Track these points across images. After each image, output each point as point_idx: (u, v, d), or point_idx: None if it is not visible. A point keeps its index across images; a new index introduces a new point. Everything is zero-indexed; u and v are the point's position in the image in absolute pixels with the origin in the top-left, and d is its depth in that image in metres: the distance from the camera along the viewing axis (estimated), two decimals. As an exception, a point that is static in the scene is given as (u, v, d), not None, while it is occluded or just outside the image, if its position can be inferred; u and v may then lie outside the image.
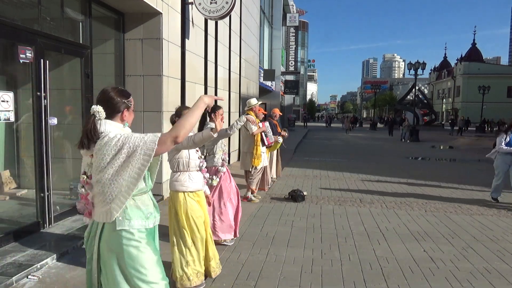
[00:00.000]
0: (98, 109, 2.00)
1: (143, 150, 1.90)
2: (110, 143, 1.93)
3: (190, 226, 3.38)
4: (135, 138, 1.92)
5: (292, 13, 32.10)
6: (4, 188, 5.33)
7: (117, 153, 1.91)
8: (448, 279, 3.73)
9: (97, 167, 1.96)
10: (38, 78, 4.51)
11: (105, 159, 1.92)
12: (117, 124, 2.07)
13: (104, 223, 2.05)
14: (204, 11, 7.41)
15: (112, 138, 1.94)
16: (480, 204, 6.93)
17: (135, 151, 1.90)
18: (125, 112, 2.14)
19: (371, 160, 13.55)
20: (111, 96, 2.07)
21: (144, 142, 1.91)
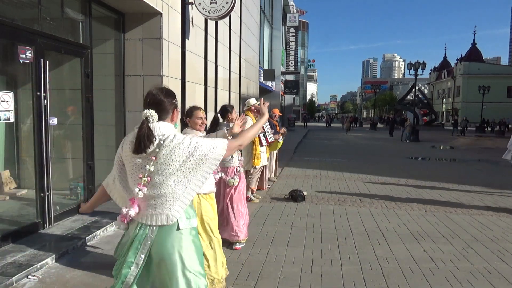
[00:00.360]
0: (151, 113, 1.99)
1: (213, 155, 1.98)
2: (181, 145, 1.94)
3: (205, 230, 3.32)
4: (206, 143, 1.98)
5: (292, 13, 32.10)
6: (4, 188, 5.33)
7: (189, 156, 1.94)
8: (448, 279, 3.73)
9: (164, 169, 1.94)
10: (38, 78, 4.51)
11: (175, 162, 1.93)
12: (169, 125, 2.05)
13: (154, 226, 1.99)
14: (204, 11, 7.41)
15: (183, 141, 1.95)
16: (480, 204, 6.93)
17: (206, 155, 1.96)
18: (175, 112, 2.11)
19: (371, 160, 13.55)
20: (161, 99, 2.04)
21: (215, 148, 1.99)
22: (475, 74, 54.63)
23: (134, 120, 6.45)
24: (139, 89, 6.43)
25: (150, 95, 2.06)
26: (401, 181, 9.21)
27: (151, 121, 1.97)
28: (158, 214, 1.98)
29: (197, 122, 3.34)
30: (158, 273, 2.03)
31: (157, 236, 2.00)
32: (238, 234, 4.40)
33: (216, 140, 2.03)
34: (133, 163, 2.00)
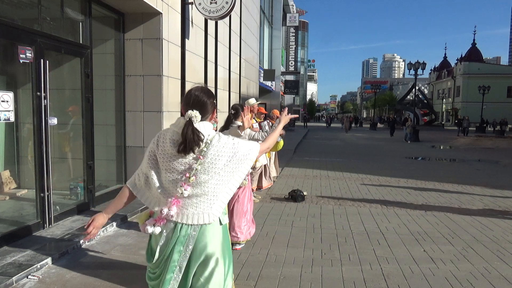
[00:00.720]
0: (195, 113, 1.98)
1: (250, 156, 2.08)
2: (227, 145, 2.00)
3: None
4: (244, 144, 2.08)
5: (292, 13, 32.12)
6: (4, 188, 5.33)
7: (233, 156, 2.01)
8: (448, 279, 3.73)
9: (210, 168, 1.96)
10: (38, 78, 4.51)
11: (222, 161, 1.98)
12: (210, 124, 2.08)
13: (196, 225, 2.00)
14: (204, 11, 7.41)
15: (228, 141, 2.02)
16: (480, 204, 6.93)
17: (244, 156, 2.05)
18: (214, 112, 2.14)
19: (371, 160, 13.55)
20: (205, 100, 2.05)
21: (251, 149, 2.09)
22: (475, 74, 54.63)
23: (134, 120, 6.45)
24: (139, 89, 6.43)
25: (194, 96, 2.06)
26: (401, 181, 9.21)
27: (195, 121, 1.98)
28: (201, 213, 2.00)
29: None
30: (201, 271, 2.02)
31: (200, 234, 2.01)
32: (238, 235, 4.40)
33: (250, 142, 2.13)
34: (174, 162, 1.99)
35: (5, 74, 5.09)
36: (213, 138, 1.99)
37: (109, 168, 6.39)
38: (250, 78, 14.34)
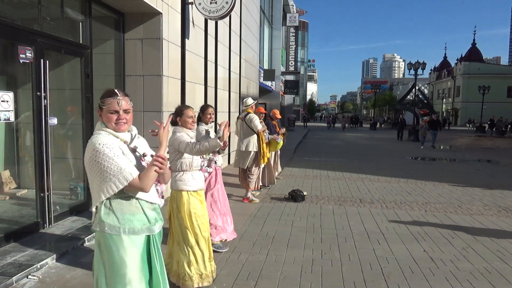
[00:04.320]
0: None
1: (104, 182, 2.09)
2: (88, 147, 2.08)
3: (192, 226, 3.34)
4: (100, 165, 2.07)
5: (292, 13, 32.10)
6: (4, 188, 5.33)
7: (88, 161, 2.09)
8: (448, 279, 3.73)
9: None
10: (38, 78, 4.51)
11: (85, 161, 2.10)
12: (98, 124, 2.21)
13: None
14: (204, 11, 7.41)
15: (90, 143, 2.06)
16: (480, 204, 6.93)
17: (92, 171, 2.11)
18: (99, 113, 2.20)
19: (371, 160, 13.55)
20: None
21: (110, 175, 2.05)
22: (475, 74, 54.63)
23: (134, 120, 6.43)
24: (139, 89, 6.43)
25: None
26: (401, 181, 9.21)
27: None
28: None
29: (187, 120, 3.41)
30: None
31: None
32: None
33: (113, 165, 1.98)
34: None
35: (5, 74, 5.09)
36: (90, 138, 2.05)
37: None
38: (250, 78, 14.34)
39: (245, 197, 6.72)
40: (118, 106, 2.10)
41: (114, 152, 1.97)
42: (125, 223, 2.03)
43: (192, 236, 3.34)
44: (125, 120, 2.13)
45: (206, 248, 3.39)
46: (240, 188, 7.19)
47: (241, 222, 5.46)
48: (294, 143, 18.22)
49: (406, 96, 49.90)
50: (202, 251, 3.35)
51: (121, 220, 2.02)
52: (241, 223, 5.41)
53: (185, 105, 3.53)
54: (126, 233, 2.02)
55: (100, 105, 2.09)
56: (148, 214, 2.11)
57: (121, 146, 2.05)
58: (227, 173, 9.31)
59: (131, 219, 2.05)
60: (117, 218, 2.02)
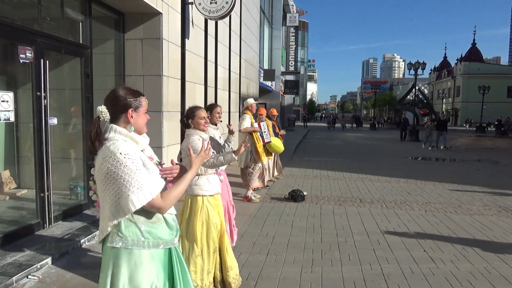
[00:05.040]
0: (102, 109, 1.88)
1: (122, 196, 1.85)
2: (103, 158, 1.83)
3: (201, 234, 3.21)
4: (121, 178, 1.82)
5: (292, 13, 32.11)
6: (4, 188, 5.33)
7: (105, 175, 1.86)
8: (448, 279, 3.73)
9: (96, 177, 1.89)
10: (38, 78, 4.51)
11: (100, 173, 1.87)
12: (121, 129, 1.90)
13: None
14: (204, 11, 7.41)
15: (105, 153, 1.81)
16: (480, 204, 6.93)
17: (112, 184, 1.87)
18: (128, 114, 1.90)
19: (371, 160, 13.55)
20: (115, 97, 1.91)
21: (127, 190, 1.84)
22: (475, 74, 54.65)
23: (134, 120, 6.45)
24: (139, 89, 6.41)
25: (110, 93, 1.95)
26: (401, 181, 9.21)
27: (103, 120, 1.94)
28: (101, 226, 1.95)
29: (200, 122, 3.23)
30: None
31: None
32: None
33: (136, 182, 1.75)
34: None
35: (5, 74, 5.10)
36: (104, 145, 1.78)
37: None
38: (250, 78, 14.34)
39: (245, 196, 6.74)
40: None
41: (136, 164, 1.74)
42: (148, 235, 1.82)
43: (198, 245, 3.20)
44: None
45: (208, 261, 3.23)
46: (239, 188, 7.19)
47: (241, 222, 5.46)
48: (294, 143, 18.22)
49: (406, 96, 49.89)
50: (203, 262, 3.21)
51: (144, 233, 1.81)
52: (241, 223, 5.41)
53: (197, 106, 3.33)
54: (148, 246, 1.82)
55: (136, 103, 1.87)
56: (170, 223, 1.92)
57: (141, 156, 1.82)
58: (227, 173, 9.31)
59: (154, 231, 1.84)
60: (139, 230, 1.80)
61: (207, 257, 3.23)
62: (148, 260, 1.82)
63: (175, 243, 1.95)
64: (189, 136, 3.25)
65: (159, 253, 1.87)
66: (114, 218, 1.76)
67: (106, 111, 1.82)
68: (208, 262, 3.23)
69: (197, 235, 3.20)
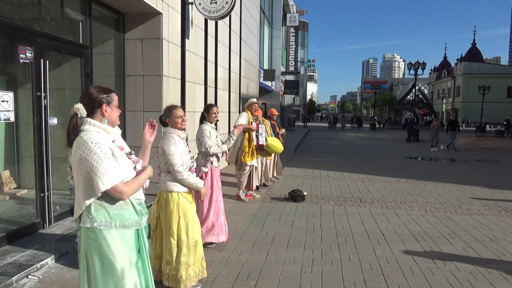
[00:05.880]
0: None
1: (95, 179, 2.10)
2: (77, 148, 2.06)
3: (178, 228, 3.30)
4: (90, 164, 2.07)
5: (292, 13, 32.12)
6: (4, 188, 5.33)
7: (78, 162, 2.08)
8: (448, 279, 3.73)
9: (72, 165, 2.10)
10: (38, 78, 4.51)
11: (74, 161, 2.10)
12: (96, 122, 2.15)
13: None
14: (204, 11, 7.42)
15: (79, 143, 2.06)
16: (480, 204, 6.93)
17: (85, 174, 2.12)
18: (102, 109, 2.14)
19: (371, 160, 13.55)
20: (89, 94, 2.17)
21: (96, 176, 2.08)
22: (475, 74, 54.65)
23: (134, 120, 6.45)
24: (139, 89, 6.43)
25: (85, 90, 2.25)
26: (401, 181, 9.21)
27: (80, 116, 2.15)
28: (75, 206, 2.18)
29: (177, 121, 3.33)
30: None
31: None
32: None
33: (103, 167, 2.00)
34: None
35: (5, 74, 5.09)
36: (79, 135, 2.03)
37: (109, 168, 6.38)
38: (250, 78, 14.34)
39: (236, 194, 6.77)
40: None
41: (105, 153, 1.98)
42: (116, 217, 2.06)
43: (174, 238, 3.30)
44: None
45: (189, 254, 3.32)
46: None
47: (241, 222, 5.46)
48: (294, 143, 18.22)
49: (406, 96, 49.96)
50: (185, 255, 3.29)
51: (112, 215, 2.06)
52: (241, 223, 5.41)
53: (173, 105, 3.43)
54: (116, 227, 2.05)
55: (108, 99, 2.12)
56: (137, 208, 2.16)
57: (111, 146, 2.06)
58: (227, 173, 9.32)
59: (121, 213, 2.08)
60: (107, 212, 2.05)
61: (187, 250, 3.31)
62: (118, 240, 2.05)
63: (142, 224, 2.20)
64: (167, 135, 3.34)
65: (129, 234, 2.11)
66: (86, 199, 2.02)
67: (82, 108, 2.07)
68: (189, 255, 3.31)
69: (173, 228, 3.29)
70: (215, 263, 3.98)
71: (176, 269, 3.29)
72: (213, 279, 3.61)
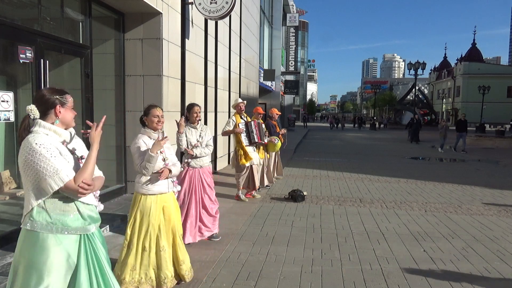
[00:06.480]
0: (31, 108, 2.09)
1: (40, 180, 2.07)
2: (22, 149, 2.02)
3: (132, 230, 3.24)
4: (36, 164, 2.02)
5: (292, 13, 32.12)
6: (4, 188, 5.32)
7: (23, 163, 2.04)
8: (448, 279, 3.73)
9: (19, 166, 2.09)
10: (38, 78, 4.51)
11: (20, 162, 2.05)
12: (46, 124, 2.09)
13: None
14: (204, 11, 7.42)
15: (24, 145, 2.02)
16: (480, 204, 6.93)
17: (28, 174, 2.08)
18: (55, 110, 2.09)
19: (371, 160, 13.55)
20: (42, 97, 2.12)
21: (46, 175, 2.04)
22: (475, 74, 54.65)
23: (134, 120, 6.45)
24: (139, 89, 6.43)
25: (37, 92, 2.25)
26: (401, 181, 9.21)
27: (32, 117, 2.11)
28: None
29: (153, 120, 3.26)
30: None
31: None
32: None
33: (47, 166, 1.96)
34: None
35: (5, 74, 5.09)
36: (26, 137, 2.00)
37: (109, 168, 6.38)
38: (250, 78, 14.34)
39: (236, 195, 6.78)
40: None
41: (51, 152, 1.94)
42: (57, 222, 2.01)
43: (127, 238, 3.24)
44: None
45: (136, 257, 3.22)
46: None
47: (241, 222, 5.46)
48: (294, 143, 18.22)
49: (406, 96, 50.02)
50: (131, 257, 3.21)
51: (54, 219, 2.01)
52: (241, 223, 5.41)
53: (153, 104, 3.36)
54: (56, 231, 2.00)
55: (62, 100, 2.10)
56: (83, 213, 2.09)
57: (58, 146, 2.02)
58: (227, 173, 9.32)
59: (63, 218, 2.02)
60: (49, 216, 2.00)
61: (135, 253, 3.22)
62: (53, 244, 1.99)
63: (89, 230, 2.12)
64: (137, 139, 3.27)
65: (69, 239, 2.04)
66: (37, 199, 1.99)
67: (35, 109, 2.04)
68: (135, 259, 3.22)
69: (128, 231, 3.26)
70: (215, 263, 3.98)
71: (122, 270, 3.22)
72: (213, 279, 3.61)
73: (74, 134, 2.20)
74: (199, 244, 4.51)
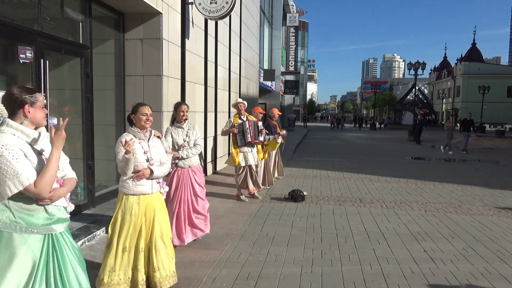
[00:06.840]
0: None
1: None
2: None
3: (113, 230, 3.18)
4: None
5: (292, 13, 32.14)
6: None
7: None
8: (448, 279, 3.73)
9: None
10: (38, 78, 4.51)
11: None
12: (12, 122, 2.05)
13: None
14: (204, 11, 7.42)
15: None
16: (480, 204, 6.93)
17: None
18: (24, 110, 2.04)
19: (371, 160, 13.55)
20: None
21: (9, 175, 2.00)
22: (475, 74, 54.62)
23: (134, 120, 6.44)
24: (139, 89, 6.43)
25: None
26: (401, 181, 9.21)
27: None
28: None
29: (141, 118, 3.18)
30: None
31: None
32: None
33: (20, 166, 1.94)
34: None
35: (5, 74, 5.09)
36: None
37: (109, 168, 6.38)
38: (250, 78, 14.34)
39: (236, 195, 6.78)
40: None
41: (13, 154, 1.91)
42: (20, 221, 1.98)
43: (122, 242, 3.15)
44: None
45: (116, 258, 3.14)
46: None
47: (241, 222, 5.46)
48: (294, 143, 18.22)
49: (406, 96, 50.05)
50: (110, 258, 3.15)
51: (17, 218, 1.98)
52: (241, 223, 5.41)
53: (141, 103, 3.29)
54: (20, 230, 1.98)
55: (31, 100, 2.05)
56: (50, 213, 2.07)
57: (23, 148, 1.98)
58: (227, 173, 9.32)
59: (28, 218, 2.00)
60: (13, 215, 1.98)
61: (114, 254, 3.15)
62: (19, 244, 1.97)
63: (55, 231, 2.08)
64: (121, 137, 3.20)
65: (34, 238, 2.01)
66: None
67: (3, 109, 2.02)
68: (114, 260, 3.15)
69: (109, 230, 3.21)
70: (215, 263, 3.98)
71: (101, 270, 3.17)
72: (213, 279, 3.61)
73: (44, 134, 2.14)
74: (199, 244, 4.52)
